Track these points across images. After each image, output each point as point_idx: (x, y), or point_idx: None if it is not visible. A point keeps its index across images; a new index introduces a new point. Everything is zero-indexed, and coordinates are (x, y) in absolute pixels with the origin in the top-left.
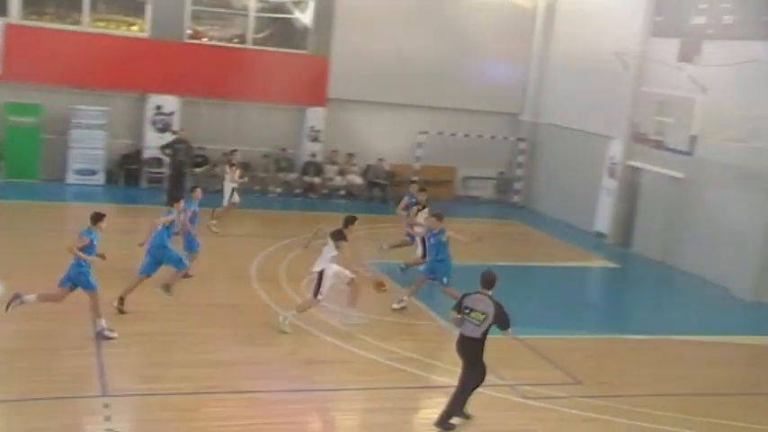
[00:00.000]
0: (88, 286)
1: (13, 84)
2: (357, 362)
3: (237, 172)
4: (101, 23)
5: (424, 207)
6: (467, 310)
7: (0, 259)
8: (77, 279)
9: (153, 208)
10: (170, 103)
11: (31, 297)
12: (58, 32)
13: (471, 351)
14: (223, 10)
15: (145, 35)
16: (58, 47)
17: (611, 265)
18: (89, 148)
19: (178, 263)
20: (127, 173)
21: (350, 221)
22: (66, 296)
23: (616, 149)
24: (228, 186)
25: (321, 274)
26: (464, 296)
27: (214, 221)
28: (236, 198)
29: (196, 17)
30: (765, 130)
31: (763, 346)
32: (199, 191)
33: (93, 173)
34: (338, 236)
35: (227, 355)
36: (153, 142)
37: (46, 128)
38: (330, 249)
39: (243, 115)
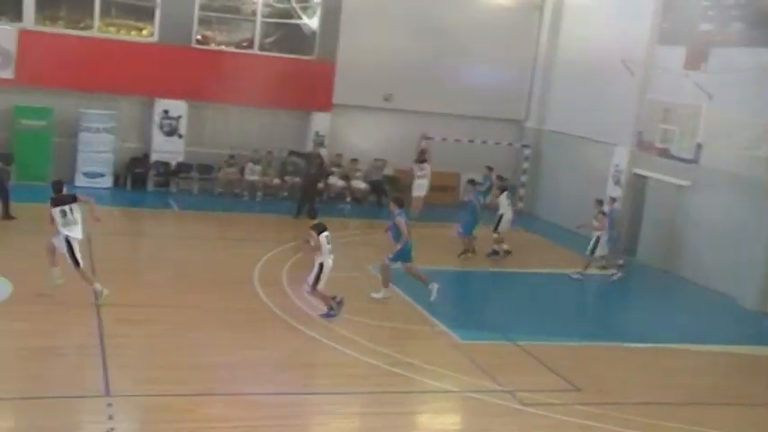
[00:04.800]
0: None
1: (25, 88)
2: (354, 365)
3: None
4: (111, 28)
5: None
6: None
7: (5, 261)
8: None
9: (158, 211)
10: (177, 107)
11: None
12: (70, 37)
13: None
14: (231, 15)
15: (154, 40)
16: (69, 52)
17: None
18: (98, 152)
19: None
20: (134, 176)
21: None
22: None
23: (621, 157)
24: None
25: (321, 266)
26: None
27: None
28: None
29: (204, 22)
30: None
31: (764, 357)
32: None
33: (101, 176)
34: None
35: (226, 357)
36: (160, 146)
37: (56, 131)
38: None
39: (248, 119)
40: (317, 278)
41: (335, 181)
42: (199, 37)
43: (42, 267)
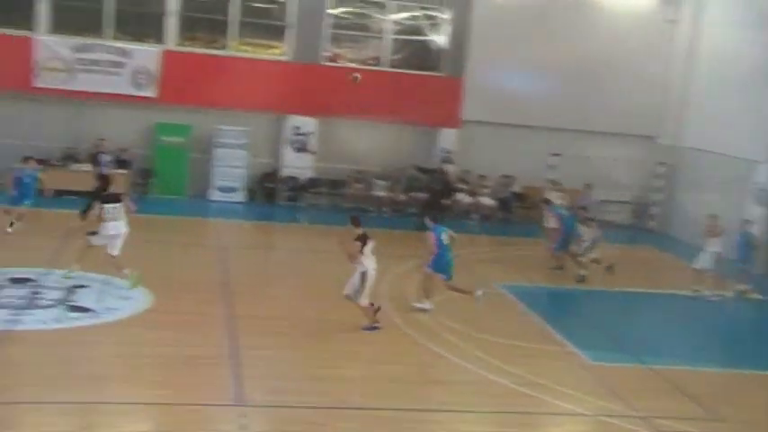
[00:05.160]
0: None
1: (166, 106)
2: (483, 384)
3: None
4: (246, 48)
5: None
6: None
7: (150, 270)
8: None
9: (287, 225)
10: (307, 123)
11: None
12: (207, 57)
13: None
14: (360, 33)
15: (286, 58)
16: (206, 70)
17: (756, 296)
18: (231, 167)
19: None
20: (266, 191)
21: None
22: None
23: (763, 174)
24: None
25: (363, 275)
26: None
27: None
28: None
29: (334, 40)
30: None
31: None
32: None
33: (234, 190)
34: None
35: (355, 371)
36: (290, 161)
37: (193, 147)
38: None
39: (376, 136)
40: (360, 287)
41: (462, 197)
42: (329, 54)
43: (183, 278)
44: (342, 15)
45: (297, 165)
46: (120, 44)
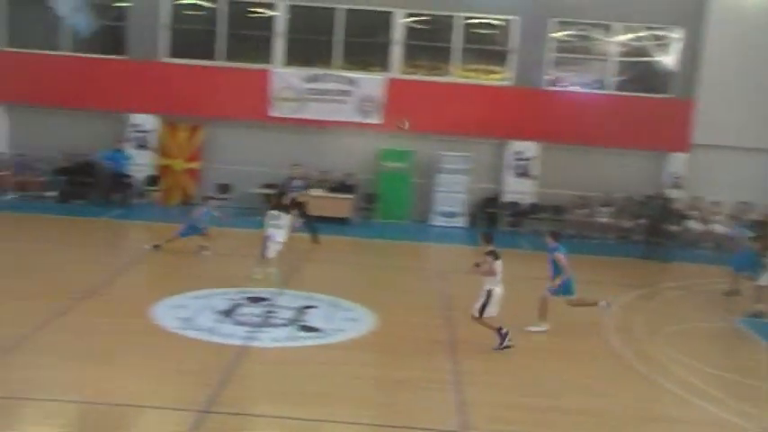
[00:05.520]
0: None
1: (389, 132)
2: (714, 425)
3: None
4: (467, 74)
5: None
6: None
7: (373, 293)
8: None
9: (508, 251)
10: (529, 148)
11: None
12: (430, 84)
13: None
14: (583, 56)
15: (508, 83)
16: (429, 97)
17: None
18: (453, 192)
19: None
20: (487, 216)
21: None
22: None
23: None
24: None
25: (489, 293)
26: None
27: None
28: None
29: (557, 64)
30: None
31: None
32: None
33: (455, 215)
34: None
35: (583, 403)
36: (512, 187)
37: (416, 172)
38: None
39: (599, 161)
40: (484, 305)
41: (693, 225)
42: (550, 78)
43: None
44: (564, 39)
45: (518, 190)
46: (347, 74)
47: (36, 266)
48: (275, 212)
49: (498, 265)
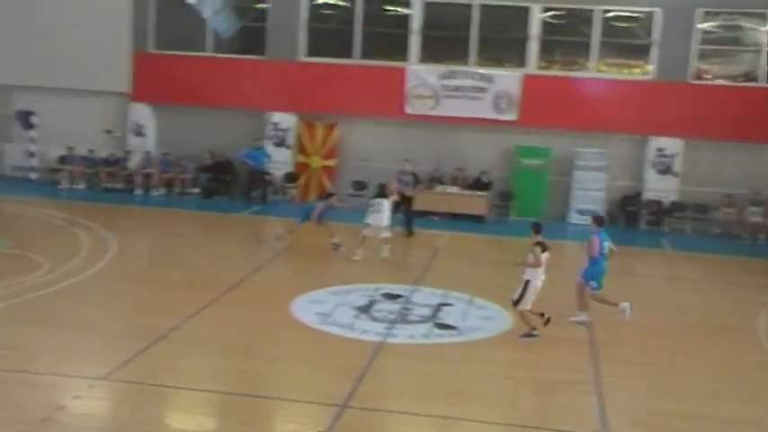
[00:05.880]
0: None
1: (525, 129)
2: None
3: None
4: (604, 68)
5: None
6: None
7: (509, 292)
8: None
9: (648, 251)
10: (672, 144)
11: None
12: (567, 79)
13: None
14: (731, 47)
15: (649, 77)
16: (565, 93)
17: None
18: (590, 190)
19: None
20: (626, 214)
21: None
22: None
23: None
24: None
25: (527, 283)
26: None
27: None
28: None
29: (702, 56)
30: None
31: None
32: None
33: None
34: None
35: (714, 410)
36: (653, 184)
37: (552, 170)
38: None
39: (747, 157)
40: (522, 295)
41: None
42: (694, 71)
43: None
44: (710, 29)
45: (660, 188)
46: (483, 70)
47: (183, 260)
48: (377, 200)
49: (545, 257)
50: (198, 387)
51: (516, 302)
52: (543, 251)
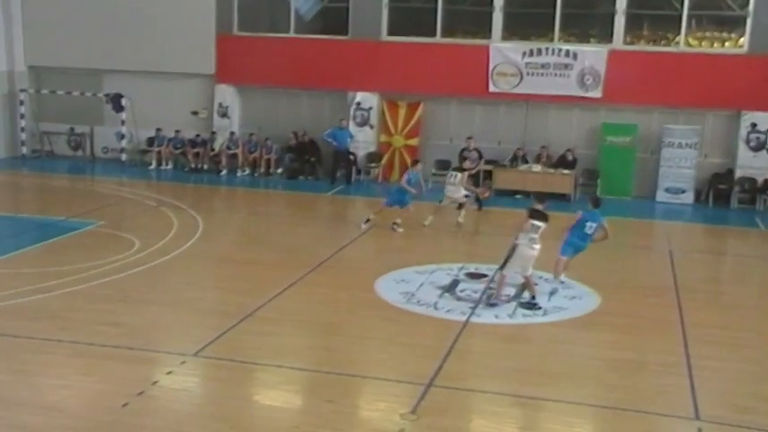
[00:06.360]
0: None
1: (612, 106)
2: None
3: None
4: (693, 42)
5: None
6: None
7: (596, 271)
8: None
9: (741, 230)
10: (766, 120)
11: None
12: (655, 54)
13: None
14: None
15: (742, 51)
16: (653, 68)
17: None
18: (679, 167)
19: None
20: (717, 192)
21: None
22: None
23: None
24: None
25: (514, 248)
26: None
27: None
28: None
29: None
30: None
31: None
32: None
33: (682, 191)
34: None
35: None
36: (746, 161)
37: (639, 147)
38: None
39: None
40: (507, 259)
41: None
42: None
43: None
44: None
45: (754, 165)
46: (567, 46)
47: (268, 239)
48: (453, 172)
49: (531, 224)
50: (285, 364)
51: (501, 266)
52: (535, 219)
